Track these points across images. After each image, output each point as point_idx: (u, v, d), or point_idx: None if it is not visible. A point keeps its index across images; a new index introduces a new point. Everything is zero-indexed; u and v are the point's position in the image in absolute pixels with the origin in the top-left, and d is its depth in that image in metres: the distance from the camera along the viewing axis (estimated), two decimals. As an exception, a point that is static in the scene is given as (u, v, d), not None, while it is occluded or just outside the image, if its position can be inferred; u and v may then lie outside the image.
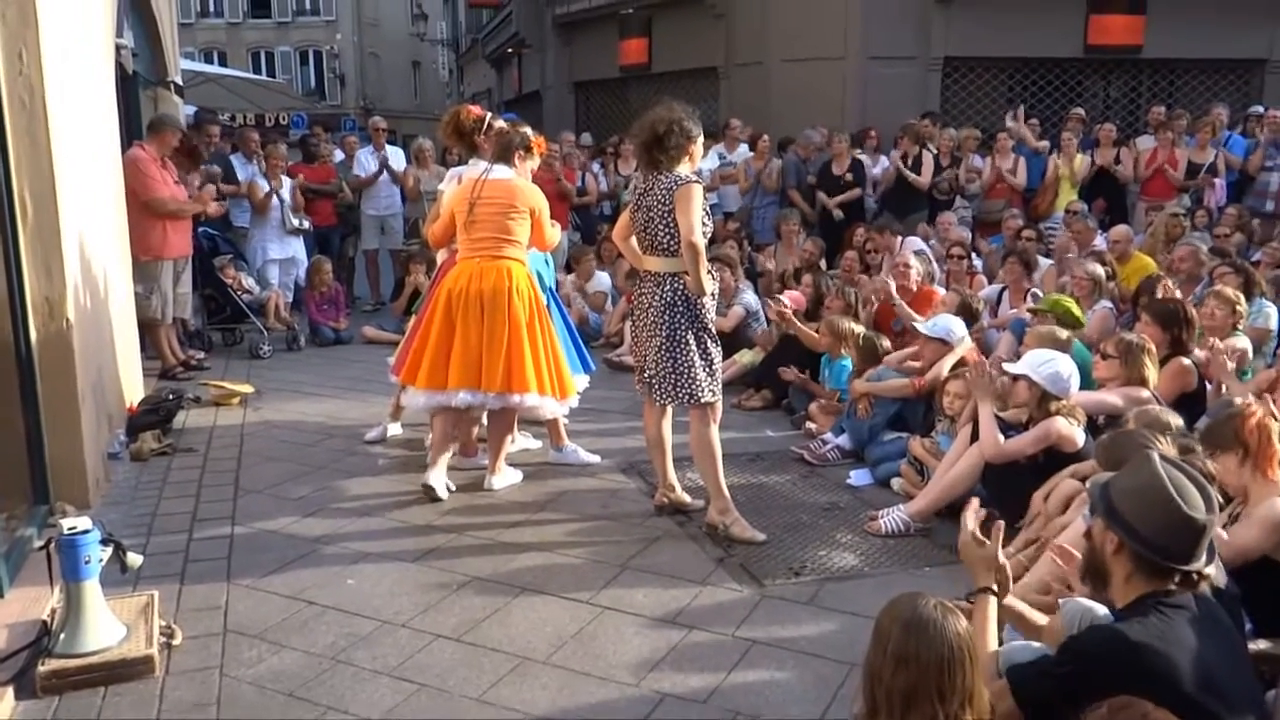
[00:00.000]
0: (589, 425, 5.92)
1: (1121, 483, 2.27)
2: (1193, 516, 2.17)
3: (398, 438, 5.83)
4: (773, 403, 6.75)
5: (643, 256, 4.44)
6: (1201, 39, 11.84)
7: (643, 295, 4.45)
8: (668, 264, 4.31)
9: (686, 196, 4.17)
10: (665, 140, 4.26)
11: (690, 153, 4.36)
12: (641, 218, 4.36)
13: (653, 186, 4.32)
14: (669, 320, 4.30)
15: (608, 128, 14.93)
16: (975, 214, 10.19)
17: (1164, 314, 5.18)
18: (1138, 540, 2.19)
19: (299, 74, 40.21)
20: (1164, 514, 2.18)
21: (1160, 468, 2.21)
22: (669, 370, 4.35)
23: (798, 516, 4.67)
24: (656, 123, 4.29)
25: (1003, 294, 7.42)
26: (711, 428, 4.44)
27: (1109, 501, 2.24)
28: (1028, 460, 4.29)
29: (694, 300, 4.32)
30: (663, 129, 4.26)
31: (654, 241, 4.33)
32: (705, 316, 4.38)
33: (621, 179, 11.02)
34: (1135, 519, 2.19)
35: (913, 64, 11.95)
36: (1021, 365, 4.44)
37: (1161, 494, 2.18)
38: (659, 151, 4.30)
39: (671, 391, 4.38)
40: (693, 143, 4.35)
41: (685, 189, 4.18)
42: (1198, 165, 9.70)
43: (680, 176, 4.25)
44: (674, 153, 4.29)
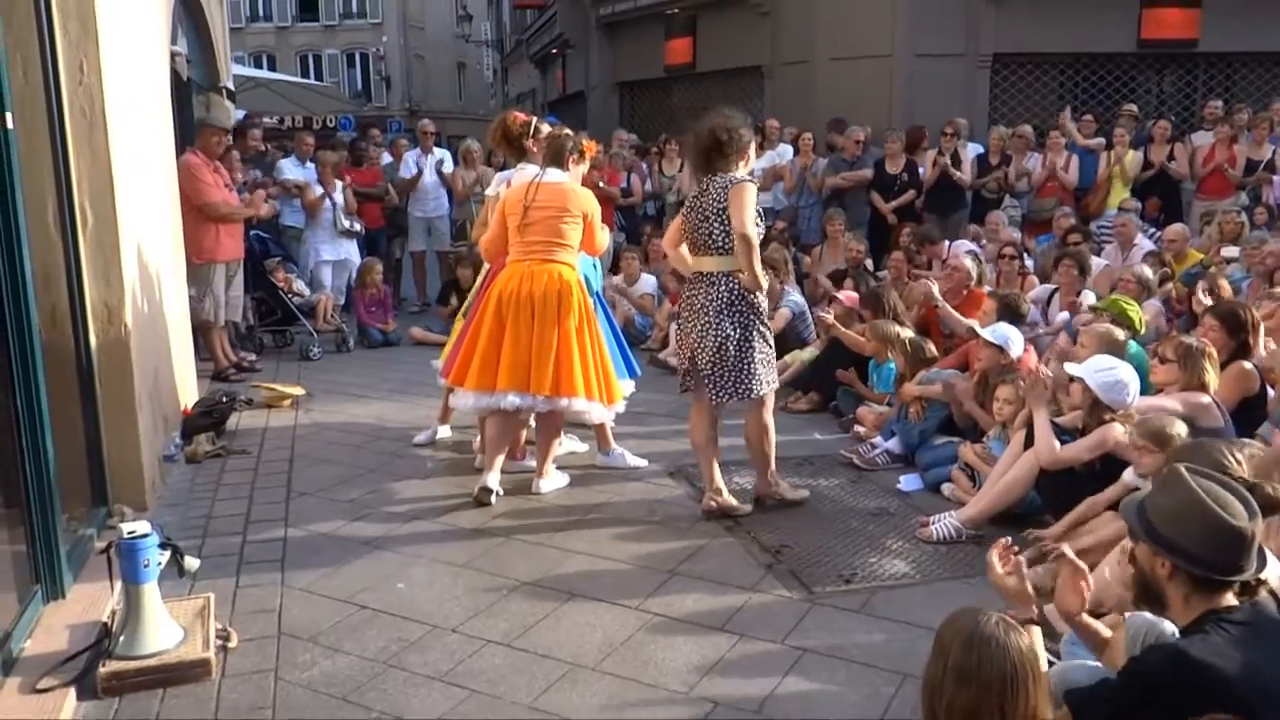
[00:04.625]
0: (635, 428, 5.91)
1: (1158, 503, 2.22)
2: (1237, 525, 2.13)
3: (446, 441, 5.87)
4: (820, 405, 6.70)
5: (696, 258, 4.55)
6: (1260, 31, 11.55)
7: (696, 295, 4.54)
8: (722, 263, 4.44)
9: (740, 193, 4.34)
10: (725, 147, 4.43)
11: (746, 157, 4.54)
12: (695, 219, 4.48)
13: (707, 189, 4.46)
14: (728, 318, 4.43)
15: (652, 128, 14.91)
16: (1025, 212, 10.04)
17: (1228, 316, 5.05)
18: (1187, 559, 2.15)
19: (345, 76, 40.70)
20: (1208, 528, 2.14)
21: (1194, 483, 2.16)
22: (729, 368, 4.47)
23: (847, 522, 4.63)
24: (715, 129, 4.44)
25: (1053, 295, 7.29)
26: (768, 414, 4.66)
27: (1149, 525, 2.20)
28: (1084, 467, 4.22)
29: (750, 296, 4.45)
30: (724, 136, 4.42)
31: (708, 241, 4.45)
32: (761, 311, 4.54)
33: (666, 179, 11.02)
34: (1181, 538, 2.15)
35: (961, 61, 11.80)
36: (1081, 368, 4.36)
37: (1202, 508, 2.14)
38: (718, 157, 4.46)
39: (731, 389, 4.50)
40: (748, 148, 4.54)
41: (739, 187, 4.35)
42: (1256, 162, 9.47)
43: (734, 177, 4.41)
44: (732, 158, 4.46)
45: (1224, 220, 8.03)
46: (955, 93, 11.53)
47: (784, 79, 12.80)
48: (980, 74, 11.89)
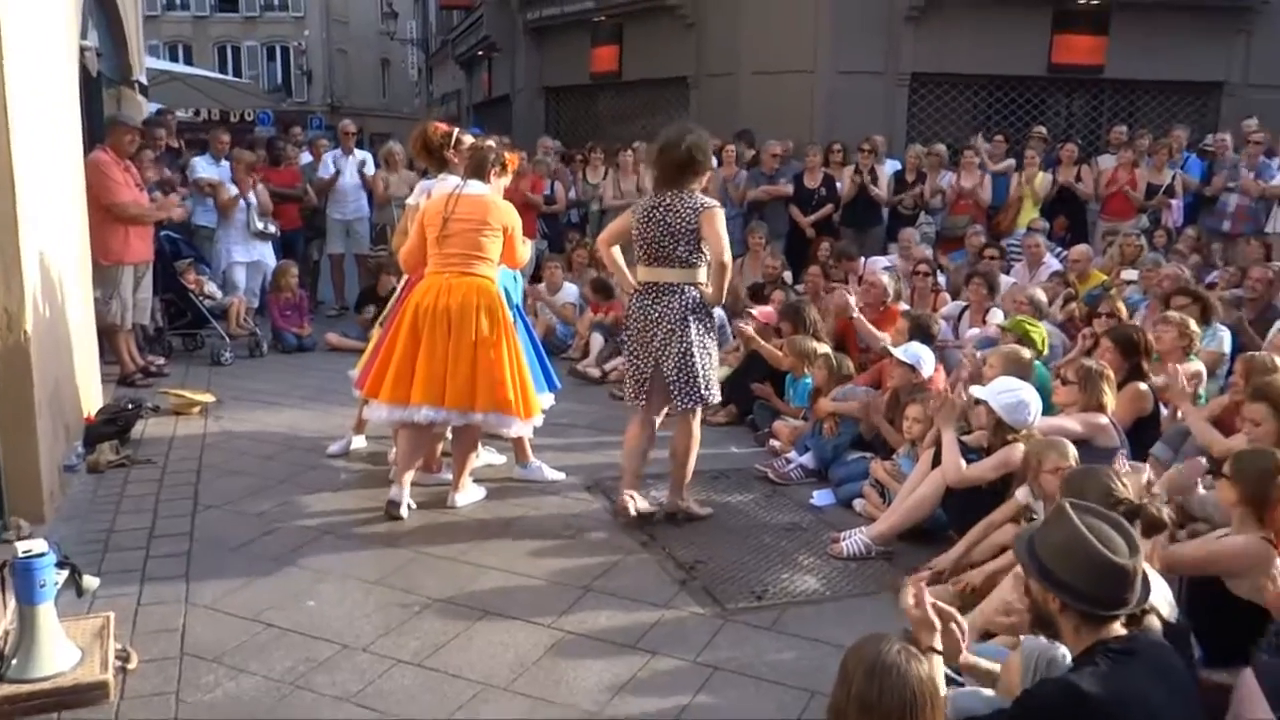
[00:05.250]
0: (554, 440, 5.90)
1: (1045, 539, 2.33)
2: (1120, 563, 2.24)
3: (360, 451, 5.78)
4: (738, 418, 6.77)
5: (651, 269, 4.65)
6: (1161, 61, 12.08)
7: (653, 305, 4.65)
8: (683, 275, 4.61)
9: (713, 219, 4.51)
10: (699, 166, 4.60)
11: (706, 172, 4.71)
12: (656, 232, 4.58)
13: (674, 204, 4.56)
14: (691, 325, 4.60)
15: (578, 134, 14.92)
16: (939, 229, 10.29)
17: (1122, 339, 5.26)
18: (1073, 596, 2.25)
19: (265, 69, 39.77)
20: (1092, 566, 2.24)
21: (1078, 519, 2.27)
22: (693, 374, 4.62)
23: (761, 537, 4.70)
24: (691, 148, 4.56)
25: (964, 312, 7.50)
26: (697, 423, 4.85)
27: (1039, 561, 2.30)
28: (989, 485, 4.35)
29: (707, 308, 4.68)
30: (699, 155, 4.58)
31: (670, 255, 4.58)
32: (714, 324, 4.81)
33: (590, 187, 11.02)
34: (1067, 575, 2.25)
35: (881, 79, 12.06)
36: (984, 390, 4.49)
37: (1086, 546, 2.24)
38: (690, 175, 4.59)
39: (695, 394, 4.67)
40: (707, 165, 4.71)
41: (711, 213, 4.53)
42: (1156, 186, 9.88)
43: (703, 201, 4.57)
44: (692, 175, 4.60)
45: (1124, 242, 8.36)
46: (875, 109, 11.78)
47: (708, 90, 12.93)
48: (899, 92, 12.18)
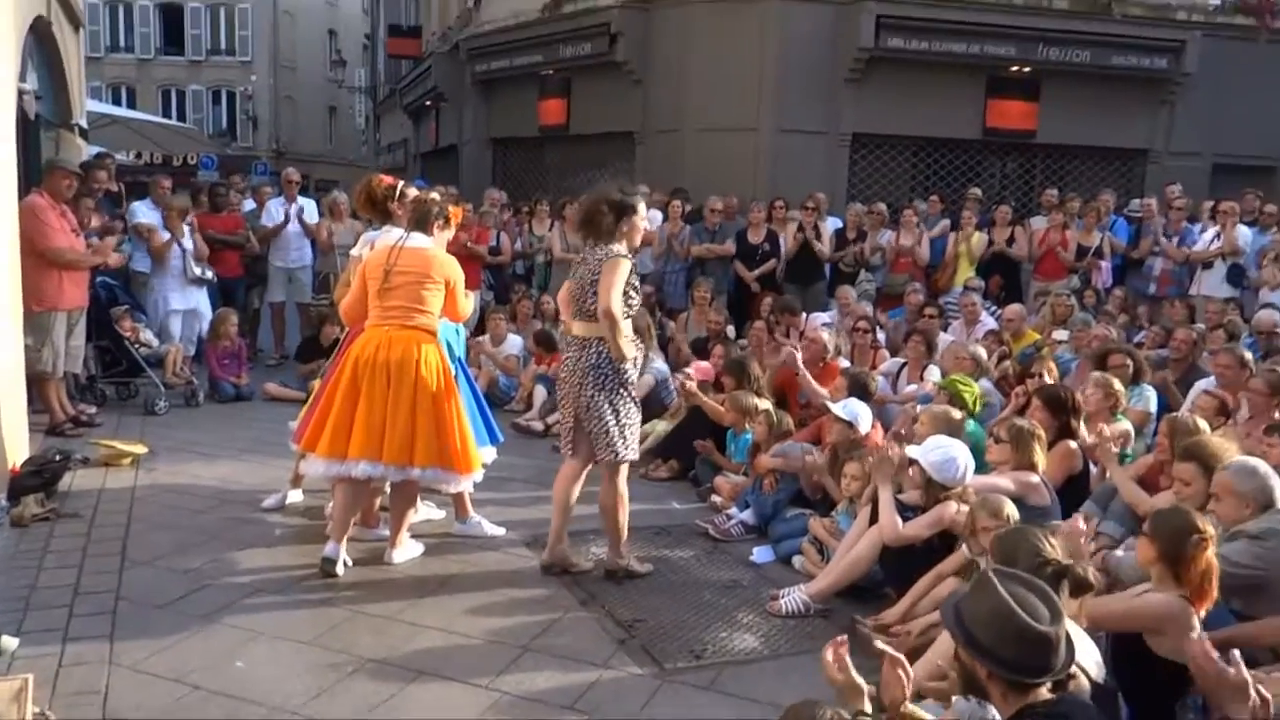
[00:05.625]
0: (495, 495, 5.85)
1: (971, 608, 2.38)
2: (1042, 631, 2.30)
3: (297, 505, 5.69)
4: (680, 473, 6.79)
5: (571, 321, 4.76)
6: (1090, 128, 12.55)
7: (569, 358, 4.72)
8: (592, 329, 4.60)
9: (612, 268, 4.47)
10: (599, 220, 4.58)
11: (629, 229, 4.64)
12: (575, 285, 4.67)
13: (588, 257, 4.64)
14: (592, 382, 4.58)
15: (525, 186, 15.01)
16: (879, 286, 10.50)
17: (1052, 399, 5.40)
18: (998, 664, 2.31)
19: (210, 113, 39.45)
20: (1015, 634, 2.30)
21: (1001, 588, 2.33)
22: (601, 429, 4.62)
23: (700, 595, 4.70)
24: (601, 203, 4.60)
25: (903, 369, 7.63)
26: (623, 482, 4.73)
27: (965, 629, 2.35)
28: (924, 543, 4.41)
29: (616, 364, 4.58)
30: (596, 210, 4.58)
31: (582, 307, 4.63)
32: (625, 380, 4.66)
33: (536, 239, 11.07)
34: (991, 644, 2.31)
35: (823, 138, 12.34)
36: (916, 450, 4.58)
37: (1009, 615, 2.30)
38: (598, 227, 4.60)
39: (609, 449, 4.66)
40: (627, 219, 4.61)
41: (613, 261, 4.50)
42: (1086, 247, 10.20)
43: (612, 250, 4.54)
44: (609, 229, 4.59)
45: (1055, 302, 8.60)
46: (817, 168, 12.04)
47: (654, 145, 13.12)
48: (840, 151, 12.47)
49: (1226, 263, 9.39)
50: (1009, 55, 12.21)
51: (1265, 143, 13.02)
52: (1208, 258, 9.51)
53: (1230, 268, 9.37)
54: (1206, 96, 12.68)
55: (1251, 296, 9.27)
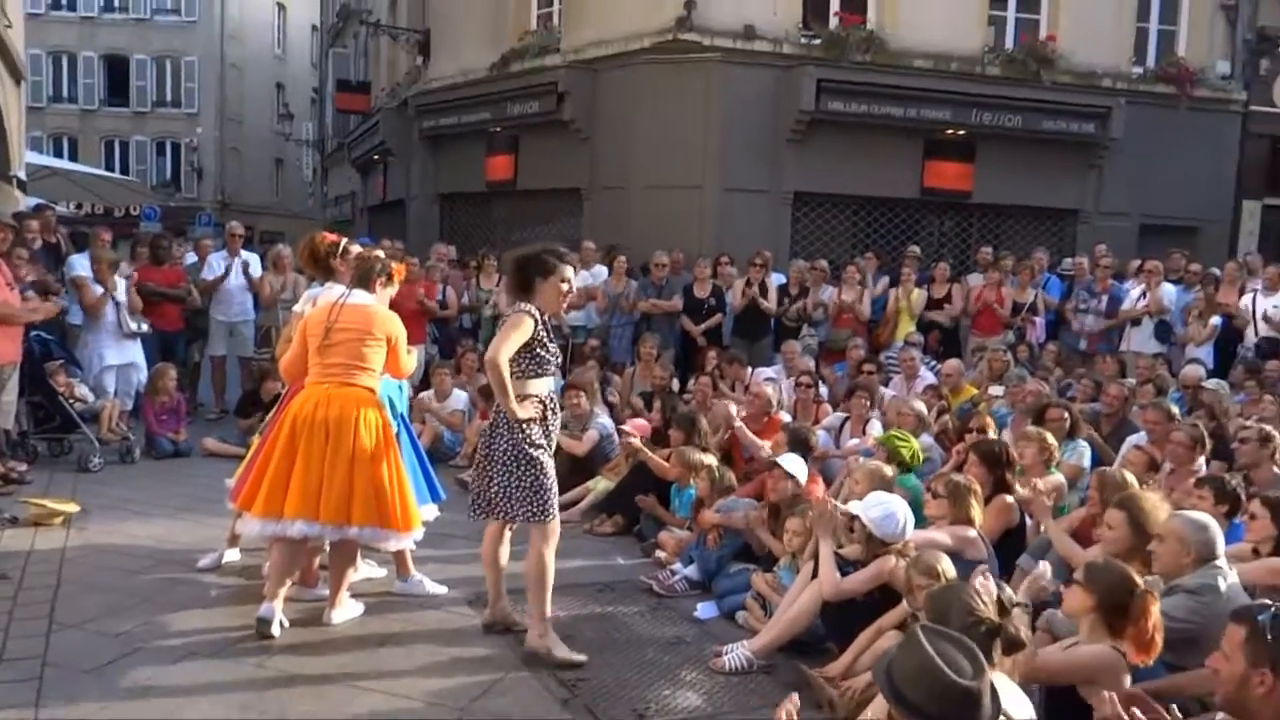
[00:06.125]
0: (437, 552, 5.78)
1: (899, 665, 2.43)
2: (966, 686, 2.35)
3: (234, 565, 5.57)
4: (625, 528, 6.79)
5: None
6: (1023, 188, 12.98)
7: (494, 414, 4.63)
8: None
9: (512, 324, 4.35)
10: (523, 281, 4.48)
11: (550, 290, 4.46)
12: None
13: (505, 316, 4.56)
14: (492, 439, 4.50)
15: (472, 241, 15.07)
16: (823, 341, 10.67)
17: (988, 454, 5.52)
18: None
19: (154, 164, 39.02)
20: (942, 691, 2.35)
21: (928, 645, 2.38)
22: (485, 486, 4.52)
23: (644, 652, 4.68)
24: (512, 262, 4.55)
25: (845, 423, 7.74)
26: (547, 551, 4.51)
27: (895, 689, 2.40)
28: (864, 597, 4.46)
29: (514, 424, 4.41)
30: (513, 268, 4.53)
31: None
32: (524, 442, 4.42)
33: (484, 293, 11.11)
34: (920, 700, 2.36)
35: (766, 196, 12.60)
36: (857, 505, 4.64)
37: (933, 670, 2.35)
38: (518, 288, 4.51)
39: (485, 507, 4.54)
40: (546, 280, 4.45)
41: (515, 316, 4.39)
42: (1020, 304, 10.48)
43: (520, 306, 4.44)
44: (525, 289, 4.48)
45: (992, 357, 8.81)
46: (760, 225, 12.27)
47: (600, 202, 13.27)
48: (783, 209, 12.72)
49: (1153, 320, 9.70)
50: (945, 119, 12.61)
51: (1188, 204, 13.57)
52: (1134, 315, 9.83)
53: (1157, 324, 9.69)
54: (1133, 160, 13.20)
55: (1178, 352, 9.58)
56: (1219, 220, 14.03)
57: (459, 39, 15.60)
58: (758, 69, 12.31)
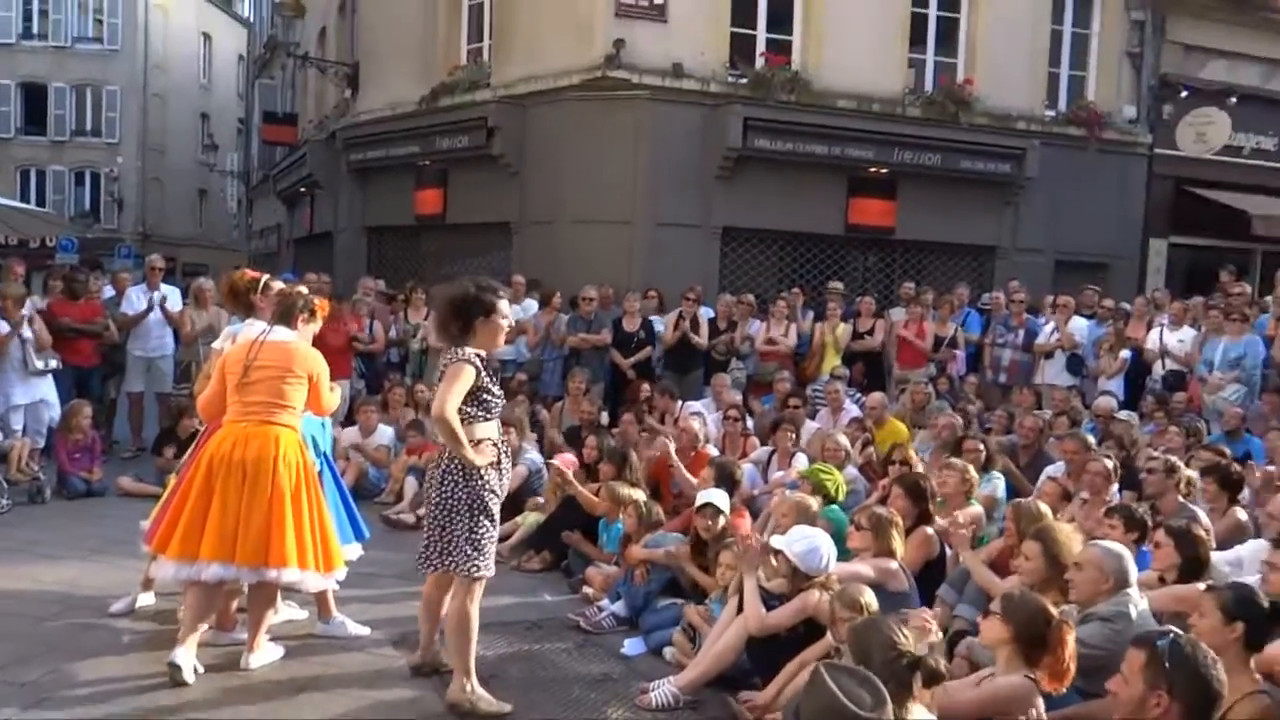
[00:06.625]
0: (361, 591, 5.70)
1: (806, 704, 2.48)
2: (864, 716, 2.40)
3: (148, 610, 5.40)
4: (552, 564, 6.75)
5: None
6: (943, 225, 13.32)
7: (432, 463, 4.52)
8: None
9: (454, 374, 4.20)
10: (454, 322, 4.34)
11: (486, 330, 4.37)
12: (430, 389, 4.46)
13: (442, 358, 4.43)
14: (444, 488, 4.34)
15: (401, 274, 14.94)
16: (750, 374, 10.79)
17: (911, 487, 5.64)
18: None
19: (73, 194, 37.96)
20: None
21: (830, 682, 2.43)
22: (439, 538, 4.37)
23: (570, 690, 4.66)
24: (445, 303, 4.41)
25: (772, 457, 7.83)
26: (473, 605, 4.37)
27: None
28: (789, 631, 4.50)
29: (471, 471, 4.30)
30: (447, 311, 4.38)
31: None
32: (481, 489, 4.33)
33: (411, 327, 11.03)
34: None
35: (695, 232, 12.73)
36: (780, 540, 4.69)
37: (837, 708, 2.40)
38: (451, 329, 4.37)
39: (438, 559, 4.38)
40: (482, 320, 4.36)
41: (455, 366, 4.23)
42: (941, 337, 10.73)
43: (458, 354, 4.28)
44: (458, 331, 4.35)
45: (914, 390, 9.01)
46: (689, 260, 12.38)
47: (530, 236, 13.28)
48: (711, 244, 12.87)
49: (1066, 353, 10.02)
50: (868, 158, 12.90)
51: (1099, 241, 14.08)
52: (1048, 349, 10.14)
53: (1070, 358, 10.00)
54: (1046, 199, 13.66)
55: (1091, 384, 9.90)
56: (1128, 257, 14.58)
57: (388, 73, 15.55)
58: (686, 107, 12.48)
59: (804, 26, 12.92)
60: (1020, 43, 13.66)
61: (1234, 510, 5.94)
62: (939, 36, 13.59)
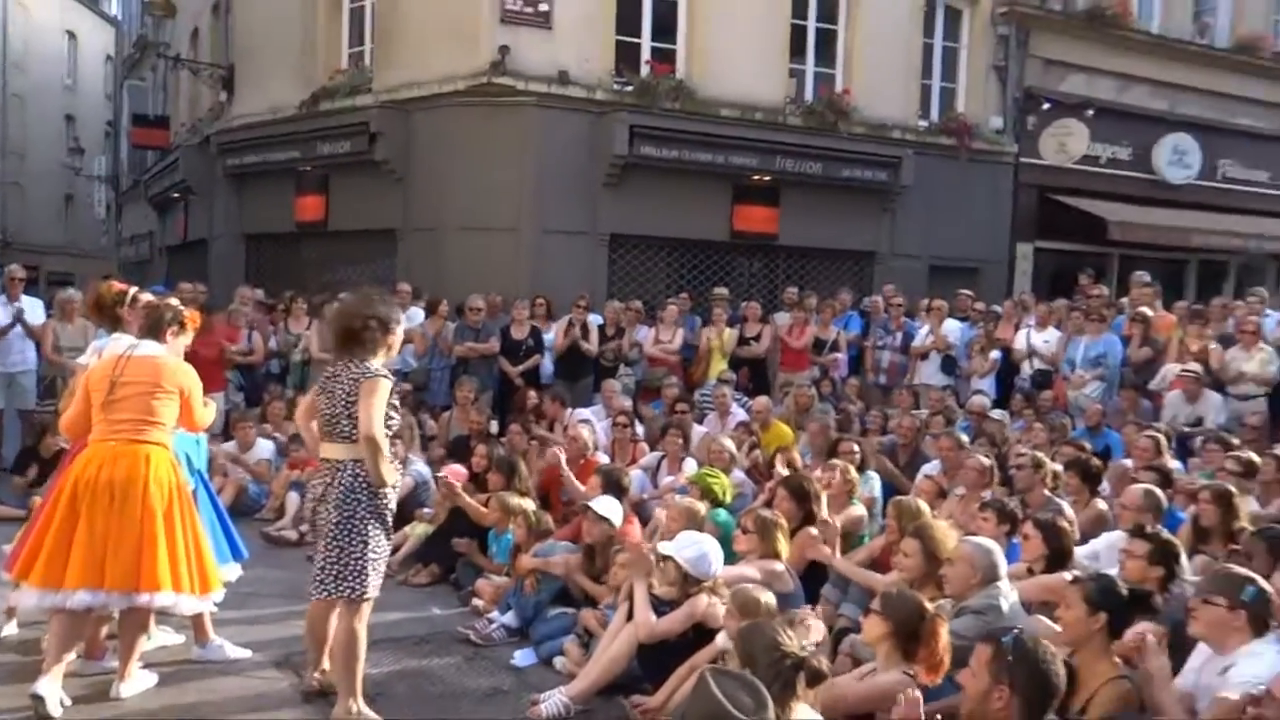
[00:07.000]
0: (242, 613, 5.52)
1: (691, 710, 2.52)
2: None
3: (9, 640, 5.12)
4: (441, 577, 6.67)
5: (324, 443, 4.39)
6: (824, 231, 13.68)
7: (321, 482, 4.38)
8: (350, 451, 4.28)
9: (372, 390, 4.20)
10: (363, 335, 4.30)
11: (388, 343, 4.40)
12: (326, 403, 4.34)
13: (341, 374, 4.32)
14: (348, 506, 4.24)
15: (280, 282, 14.48)
16: (639, 379, 10.86)
17: (795, 489, 5.77)
18: None
19: (-79, 200, 35.75)
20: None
21: (714, 686, 2.49)
22: (339, 561, 4.25)
23: (459, 705, 4.62)
24: (352, 316, 4.35)
25: (662, 462, 7.90)
26: (360, 624, 4.30)
27: None
28: (679, 638, 4.55)
29: (375, 490, 4.28)
30: (359, 324, 4.31)
31: (337, 429, 4.30)
32: (384, 508, 4.35)
33: (292, 337, 10.74)
34: None
35: (584, 238, 12.74)
36: (670, 546, 4.74)
37: (719, 710, 2.45)
38: (355, 343, 4.32)
39: (334, 584, 4.26)
40: (390, 334, 4.39)
41: (371, 382, 4.21)
42: (824, 341, 11.01)
43: (369, 369, 4.26)
44: (370, 345, 4.32)
45: (798, 393, 9.22)
46: (577, 267, 12.39)
47: (415, 243, 13.08)
48: (599, 251, 12.90)
49: (940, 354, 10.40)
50: (751, 165, 13.13)
51: (970, 247, 14.67)
52: (924, 351, 10.52)
53: (944, 359, 10.40)
54: (921, 206, 14.15)
55: (964, 384, 10.30)
56: (997, 261, 15.21)
57: (266, 76, 15.10)
58: (572, 114, 12.49)
59: (688, 36, 13.08)
60: (894, 55, 14.13)
61: (1095, 502, 6.28)
62: (818, 48, 13.95)
